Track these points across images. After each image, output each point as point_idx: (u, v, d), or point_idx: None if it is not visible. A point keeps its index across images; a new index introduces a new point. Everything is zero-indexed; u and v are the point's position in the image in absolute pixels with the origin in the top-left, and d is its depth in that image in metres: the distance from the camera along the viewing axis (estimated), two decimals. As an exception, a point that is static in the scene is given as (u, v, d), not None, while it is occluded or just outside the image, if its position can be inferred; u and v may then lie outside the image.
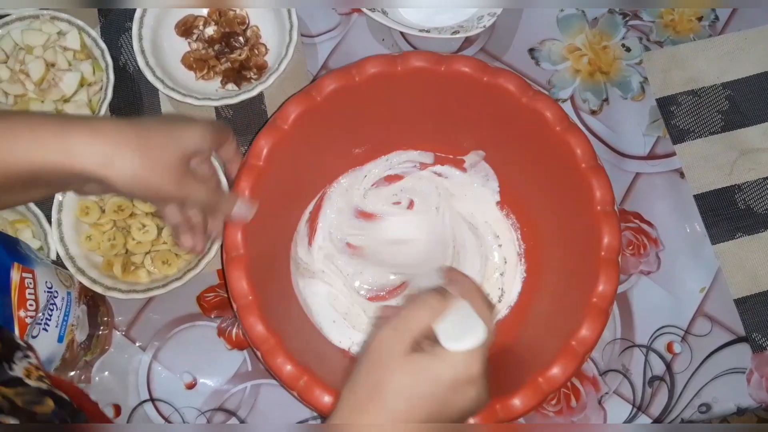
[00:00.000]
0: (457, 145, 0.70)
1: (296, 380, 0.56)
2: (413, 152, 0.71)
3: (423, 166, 0.71)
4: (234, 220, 0.58)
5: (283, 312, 0.63)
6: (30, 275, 0.56)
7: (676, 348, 0.69)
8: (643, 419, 0.68)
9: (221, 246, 0.60)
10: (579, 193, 0.60)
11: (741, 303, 0.70)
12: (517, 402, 0.56)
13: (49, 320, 0.57)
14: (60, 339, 0.59)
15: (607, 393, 0.68)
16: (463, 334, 0.46)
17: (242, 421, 0.67)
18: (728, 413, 0.69)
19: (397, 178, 0.71)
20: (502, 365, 0.63)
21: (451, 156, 0.71)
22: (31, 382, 0.43)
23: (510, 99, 0.61)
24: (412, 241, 0.70)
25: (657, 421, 0.68)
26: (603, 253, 0.58)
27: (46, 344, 0.57)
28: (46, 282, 0.58)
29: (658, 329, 0.70)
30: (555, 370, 0.56)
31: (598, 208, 0.59)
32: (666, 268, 0.71)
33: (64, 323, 0.59)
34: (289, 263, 0.68)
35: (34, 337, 0.56)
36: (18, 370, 0.43)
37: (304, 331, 0.66)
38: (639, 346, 0.69)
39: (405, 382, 0.45)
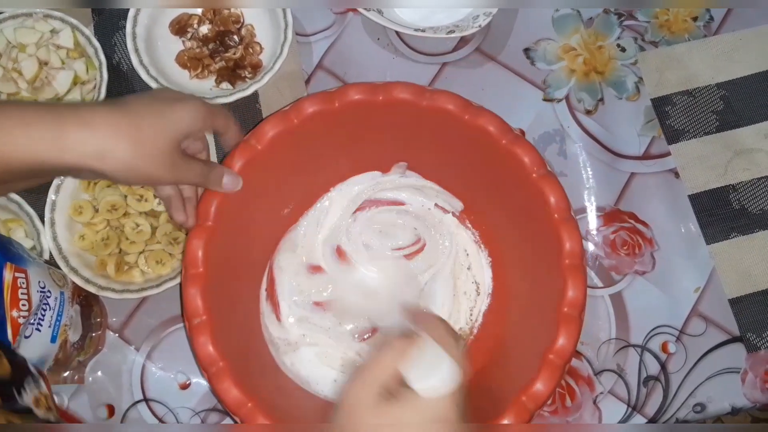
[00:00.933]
0: (379, 164, 0.68)
1: None
2: (342, 186, 0.69)
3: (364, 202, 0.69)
4: (224, 191, 0.58)
5: (287, 401, 0.62)
6: (23, 275, 0.56)
7: (671, 348, 0.69)
8: (638, 419, 0.68)
9: (195, 358, 0.57)
10: (509, 164, 0.59)
11: (735, 303, 0.71)
12: (540, 386, 0.55)
13: (42, 320, 0.57)
14: (53, 339, 0.58)
15: (602, 393, 0.68)
16: (431, 374, 0.45)
17: (236, 422, 0.67)
18: (723, 413, 0.69)
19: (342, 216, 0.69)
20: (503, 358, 0.63)
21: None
22: (40, 412, 0.42)
23: (409, 106, 0.60)
24: (375, 287, 0.68)
25: (652, 420, 0.68)
26: (556, 216, 0.58)
27: (38, 344, 0.57)
28: (39, 282, 0.57)
29: (652, 329, 0.70)
30: (561, 342, 0.55)
31: (534, 175, 0.59)
32: (661, 268, 0.71)
33: (57, 323, 0.59)
34: (269, 348, 0.65)
35: (26, 338, 0.55)
36: (27, 398, 0.43)
37: (316, 412, 0.63)
38: (634, 345, 0.69)
39: None
